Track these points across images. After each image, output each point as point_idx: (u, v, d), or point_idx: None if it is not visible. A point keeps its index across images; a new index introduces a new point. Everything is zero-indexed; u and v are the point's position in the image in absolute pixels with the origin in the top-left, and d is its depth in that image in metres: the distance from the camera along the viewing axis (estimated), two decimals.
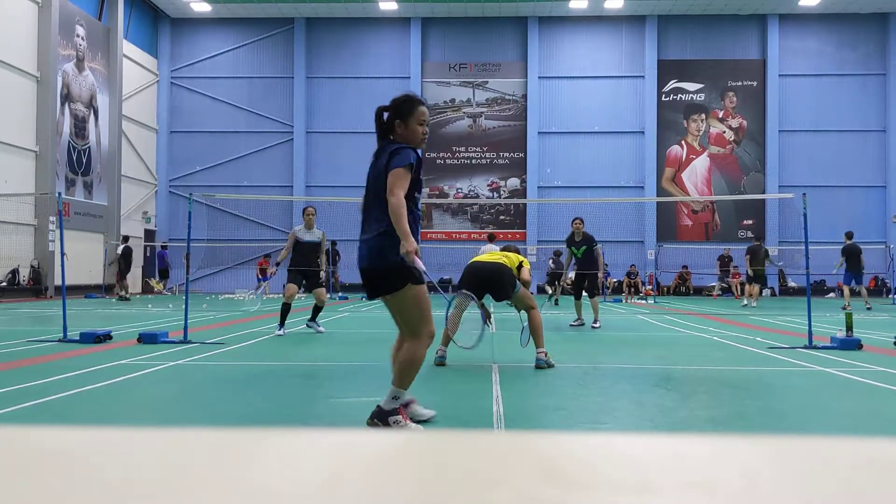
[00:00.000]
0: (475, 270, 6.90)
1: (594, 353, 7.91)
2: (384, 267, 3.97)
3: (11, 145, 21.63)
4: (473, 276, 6.84)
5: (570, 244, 11.63)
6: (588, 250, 11.44)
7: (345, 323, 12.48)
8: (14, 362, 6.84)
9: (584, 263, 11.52)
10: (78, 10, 24.74)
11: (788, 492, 0.49)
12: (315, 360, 7.41)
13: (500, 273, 6.75)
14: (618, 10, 29.33)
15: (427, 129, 4.10)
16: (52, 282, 22.56)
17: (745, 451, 0.57)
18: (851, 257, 17.71)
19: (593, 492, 0.48)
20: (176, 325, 10.46)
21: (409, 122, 4.07)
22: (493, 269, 6.78)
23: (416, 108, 4.07)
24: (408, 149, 4.04)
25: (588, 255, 11.47)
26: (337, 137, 30.27)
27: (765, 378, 6.09)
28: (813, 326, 8.81)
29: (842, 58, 29.34)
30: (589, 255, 11.47)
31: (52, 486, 0.49)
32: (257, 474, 0.51)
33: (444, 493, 0.48)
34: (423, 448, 0.59)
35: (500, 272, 6.75)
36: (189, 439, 0.60)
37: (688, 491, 0.48)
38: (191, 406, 4.96)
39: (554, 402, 4.94)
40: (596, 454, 0.56)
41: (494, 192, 30.01)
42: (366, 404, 4.86)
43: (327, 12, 29.64)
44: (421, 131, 4.09)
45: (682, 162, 29.90)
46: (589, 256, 11.48)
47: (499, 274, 6.75)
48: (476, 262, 7.01)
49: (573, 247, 11.57)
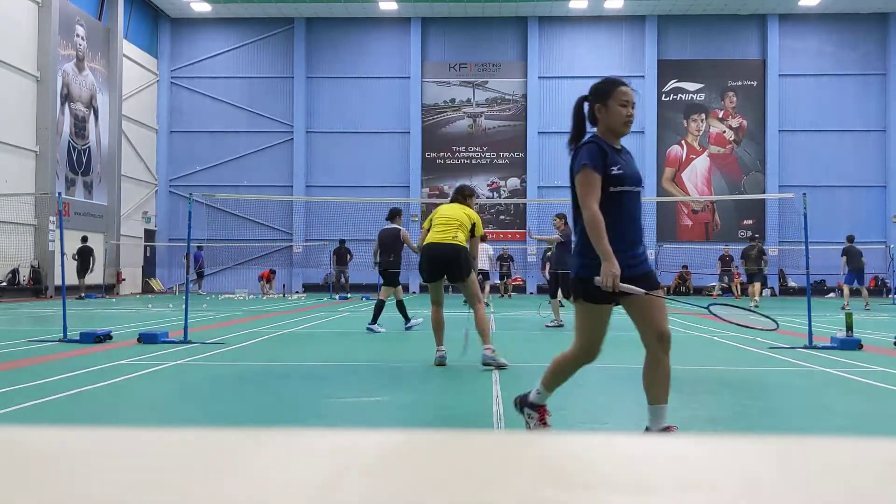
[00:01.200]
0: (432, 256, 6.96)
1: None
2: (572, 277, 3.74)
3: (11, 145, 21.63)
4: (431, 262, 6.95)
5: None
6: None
7: (345, 323, 12.48)
8: (14, 362, 6.84)
9: (561, 261, 11.07)
10: (78, 10, 24.74)
11: (789, 492, 0.49)
12: (315, 360, 7.41)
13: (456, 255, 6.86)
14: (618, 10, 29.33)
15: (632, 111, 3.71)
16: (52, 282, 22.56)
17: (745, 451, 0.57)
18: (852, 257, 17.69)
19: (593, 492, 0.48)
20: (176, 325, 10.46)
21: (610, 104, 3.67)
22: (449, 251, 6.86)
23: (616, 89, 3.70)
24: (584, 146, 3.65)
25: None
26: (337, 137, 30.28)
27: (765, 378, 6.09)
28: (813, 326, 8.81)
29: (842, 58, 29.33)
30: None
31: (53, 486, 0.49)
32: (257, 474, 0.51)
33: (444, 493, 0.48)
34: (423, 448, 0.59)
35: (456, 253, 6.85)
36: (189, 439, 0.60)
37: (688, 491, 0.48)
38: (191, 406, 4.96)
39: (554, 402, 4.94)
40: (596, 454, 0.56)
41: (494, 192, 30.01)
42: (366, 404, 4.86)
43: (327, 12, 29.64)
44: (624, 113, 3.67)
45: (682, 162, 29.90)
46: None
47: (455, 255, 6.87)
48: (432, 245, 6.96)
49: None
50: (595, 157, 3.57)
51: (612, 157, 3.61)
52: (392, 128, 30.19)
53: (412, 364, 6.87)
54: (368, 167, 30.15)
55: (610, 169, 3.57)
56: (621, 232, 3.55)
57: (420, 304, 18.01)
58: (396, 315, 11.36)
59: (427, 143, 30.12)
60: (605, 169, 3.56)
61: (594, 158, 3.56)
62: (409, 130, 29.97)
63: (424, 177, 30.07)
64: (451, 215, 7.00)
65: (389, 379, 5.92)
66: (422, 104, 30.09)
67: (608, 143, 3.68)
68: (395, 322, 11.26)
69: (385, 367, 6.60)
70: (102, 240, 25.95)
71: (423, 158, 30.11)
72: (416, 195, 29.23)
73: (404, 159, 30.10)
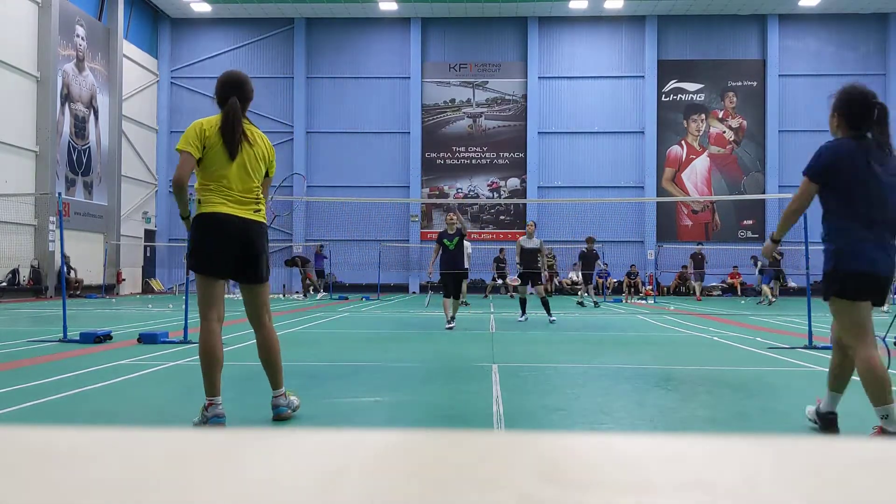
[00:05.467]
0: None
1: (594, 353, 7.90)
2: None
3: (11, 145, 21.63)
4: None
5: (444, 238, 11.46)
6: (460, 242, 11.34)
7: (345, 323, 12.48)
8: (14, 362, 6.84)
9: (458, 257, 11.32)
10: (78, 11, 24.75)
11: (788, 492, 0.49)
12: (315, 360, 7.41)
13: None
14: (618, 11, 29.33)
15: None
16: (51, 282, 22.57)
17: (745, 451, 0.57)
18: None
19: (593, 492, 0.48)
20: (176, 326, 10.46)
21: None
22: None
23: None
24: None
25: (461, 247, 11.37)
26: (337, 137, 30.29)
27: (765, 378, 6.09)
28: (813, 326, 8.81)
29: (842, 58, 29.33)
30: (462, 248, 11.40)
31: (53, 486, 0.49)
32: (257, 474, 0.51)
33: (444, 493, 0.48)
34: (423, 448, 0.59)
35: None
36: (189, 439, 0.60)
37: (688, 491, 0.48)
38: (190, 406, 4.96)
39: (554, 402, 4.94)
40: (596, 454, 0.56)
41: (494, 192, 30.01)
42: (366, 404, 4.86)
43: (327, 12, 29.64)
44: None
45: (682, 162, 29.90)
46: (462, 249, 11.41)
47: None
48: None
49: (446, 239, 11.39)
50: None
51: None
52: (392, 128, 30.20)
53: (412, 364, 6.87)
54: (368, 167, 30.16)
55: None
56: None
57: (417, 304, 18.03)
58: (396, 315, 11.33)
59: (427, 144, 30.12)
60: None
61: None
62: (409, 130, 29.98)
63: (424, 177, 30.07)
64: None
65: (389, 379, 5.92)
66: (422, 104, 30.09)
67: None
68: (390, 321, 11.24)
69: (385, 367, 6.60)
70: (102, 240, 25.95)
71: (423, 158, 30.11)
72: (416, 195, 29.23)
73: (404, 159, 30.10)
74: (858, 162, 3.66)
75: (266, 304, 4.43)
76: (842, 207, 3.69)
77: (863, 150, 3.69)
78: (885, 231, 3.68)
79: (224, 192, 4.16)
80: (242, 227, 4.17)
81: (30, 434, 0.60)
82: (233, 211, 4.16)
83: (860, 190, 3.65)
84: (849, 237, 3.68)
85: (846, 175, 3.67)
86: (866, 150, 3.68)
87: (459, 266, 11.30)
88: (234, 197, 4.17)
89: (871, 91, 3.85)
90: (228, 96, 4.29)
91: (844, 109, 3.85)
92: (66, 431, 0.61)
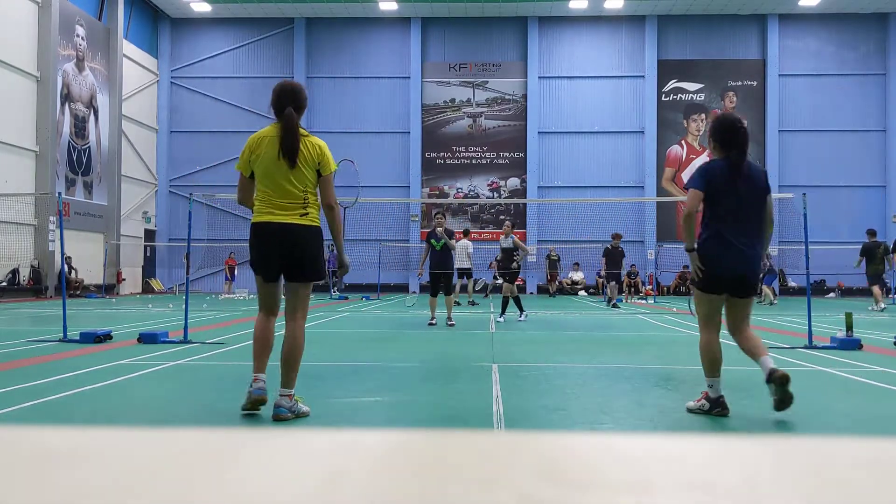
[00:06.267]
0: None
1: (594, 353, 7.90)
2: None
3: (11, 145, 21.63)
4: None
5: (431, 237, 11.78)
6: (446, 244, 11.63)
7: (345, 323, 12.48)
8: (14, 362, 6.84)
9: (445, 257, 11.61)
10: (78, 10, 24.75)
11: (788, 492, 0.49)
12: (315, 360, 7.41)
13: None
14: (618, 10, 29.33)
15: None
16: (51, 282, 22.57)
17: (745, 451, 0.57)
18: (872, 257, 16.86)
19: (593, 492, 0.48)
20: (176, 325, 10.46)
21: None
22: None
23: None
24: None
25: (447, 249, 11.63)
26: (337, 137, 30.27)
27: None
28: (813, 326, 8.81)
29: (842, 58, 29.34)
30: (448, 250, 11.66)
31: (53, 486, 0.49)
32: (258, 474, 0.51)
33: (444, 493, 0.48)
34: (423, 448, 0.59)
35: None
36: (189, 439, 0.60)
37: (688, 491, 0.48)
38: (191, 406, 4.96)
39: (554, 402, 4.94)
40: (596, 454, 0.56)
41: (494, 191, 30.01)
42: (366, 404, 4.86)
43: (327, 12, 29.64)
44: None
45: (683, 162, 29.90)
46: (448, 250, 11.66)
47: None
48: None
49: (433, 239, 11.69)
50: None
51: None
52: (392, 128, 30.19)
53: (412, 364, 6.87)
54: (368, 167, 30.13)
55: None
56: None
57: (417, 304, 18.04)
58: (396, 315, 11.34)
59: (427, 143, 30.11)
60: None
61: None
62: (409, 130, 29.97)
63: (424, 177, 30.07)
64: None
65: (389, 379, 5.92)
66: (422, 104, 30.09)
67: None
68: (390, 321, 11.24)
69: (385, 367, 6.60)
70: (102, 240, 25.95)
71: (423, 158, 30.11)
72: (416, 195, 29.23)
73: (404, 159, 30.10)
74: (725, 178, 4.44)
75: (303, 302, 4.58)
76: (711, 215, 4.51)
77: (730, 168, 4.46)
78: (742, 236, 4.46)
79: (268, 200, 4.37)
80: (281, 232, 4.35)
81: (29, 434, 0.60)
82: (274, 218, 4.35)
83: (724, 201, 4.44)
84: (713, 241, 4.52)
85: (713, 189, 4.44)
86: (733, 168, 4.45)
87: (446, 266, 11.64)
88: (277, 203, 4.35)
89: (737, 118, 4.63)
90: (284, 107, 4.39)
91: (717, 136, 4.56)
92: (67, 431, 0.61)
